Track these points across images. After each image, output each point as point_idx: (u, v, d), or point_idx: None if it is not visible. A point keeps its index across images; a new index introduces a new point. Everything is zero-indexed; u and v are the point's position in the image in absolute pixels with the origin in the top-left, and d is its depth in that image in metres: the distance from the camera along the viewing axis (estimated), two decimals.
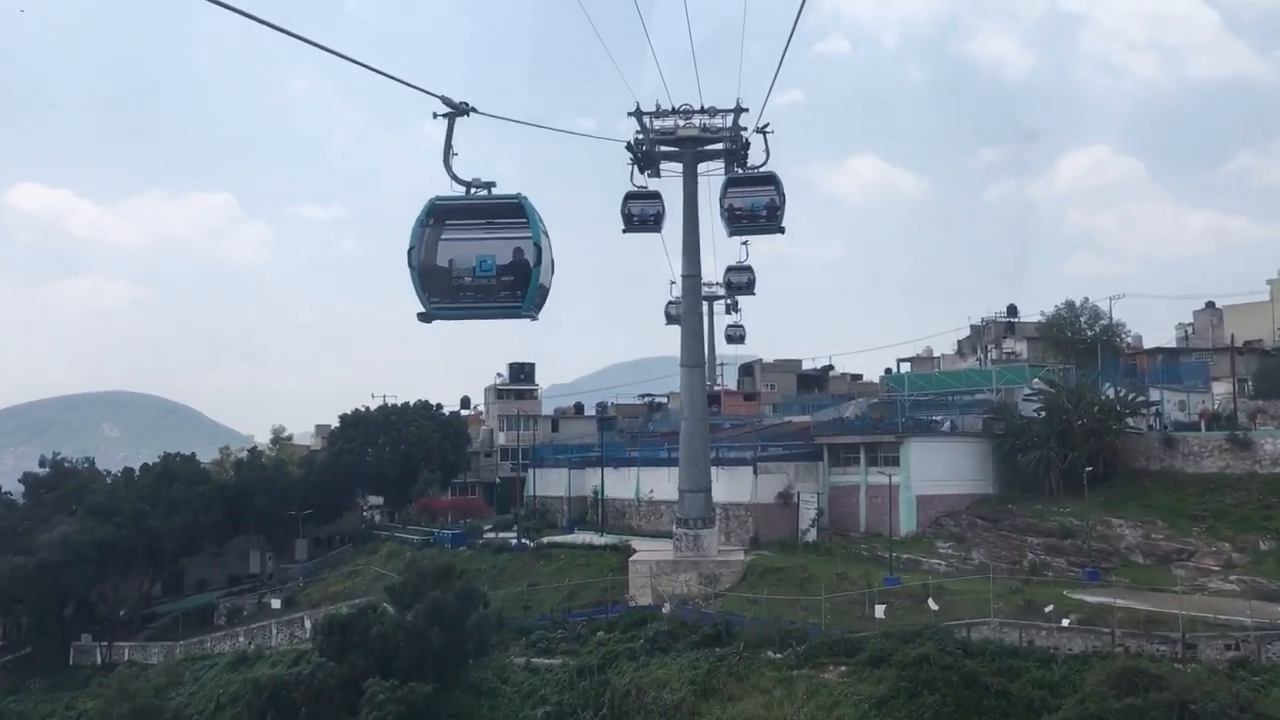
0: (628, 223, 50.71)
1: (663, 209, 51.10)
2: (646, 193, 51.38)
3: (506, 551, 60.09)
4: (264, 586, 72.01)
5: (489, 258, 14.79)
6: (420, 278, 14.81)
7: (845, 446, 58.29)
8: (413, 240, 14.86)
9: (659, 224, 51.21)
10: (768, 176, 43.11)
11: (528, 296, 14.75)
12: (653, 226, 51.15)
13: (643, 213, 50.65)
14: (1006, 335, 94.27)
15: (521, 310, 14.85)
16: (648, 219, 50.77)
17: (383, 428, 71.82)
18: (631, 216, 50.64)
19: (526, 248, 14.66)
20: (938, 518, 55.15)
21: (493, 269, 14.78)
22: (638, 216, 50.64)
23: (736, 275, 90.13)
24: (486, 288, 14.86)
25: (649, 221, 50.81)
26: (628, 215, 50.65)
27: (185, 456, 73.73)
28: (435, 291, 14.85)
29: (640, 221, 50.68)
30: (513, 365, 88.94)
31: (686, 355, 53.32)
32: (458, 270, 14.83)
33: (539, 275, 14.71)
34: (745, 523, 57.09)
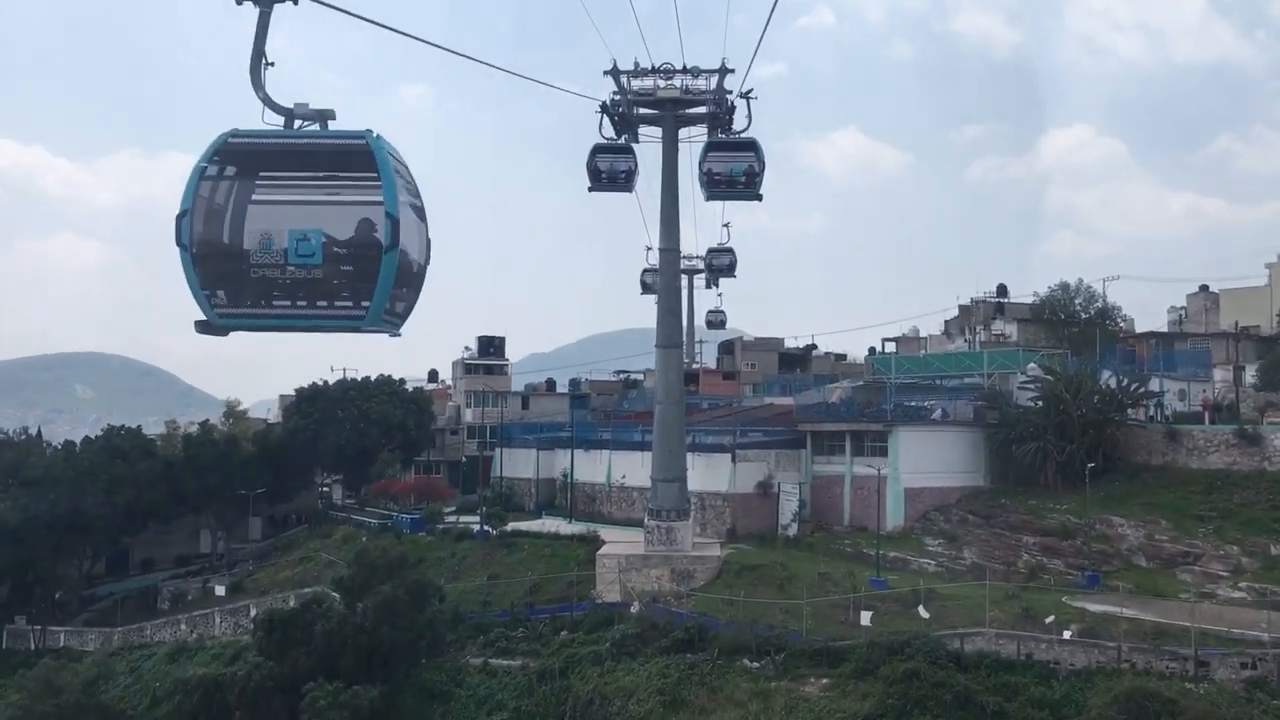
0: (594, 179, 47.03)
1: (635, 165, 47.44)
2: (617, 146, 47.62)
3: (468, 539, 56.46)
4: (213, 569, 68.21)
5: (313, 234, 9.46)
6: (196, 264, 9.62)
7: (830, 434, 54.84)
8: (185, 202, 9.56)
9: (630, 182, 47.48)
10: (748, 142, 41.99)
11: (376, 299, 9.54)
12: (623, 185, 47.42)
13: (612, 169, 46.89)
14: (996, 316, 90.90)
15: (365, 322, 9.64)
16: (617, 176, 47.00)
17: (341, 403, 67.82)
18: (599, 173, 46.94)
19: (377, 219, 9.43)
20: (926, 512, 51.89)
21: (318, 253, 9.46)
22: (606, 173, 46.92)
23: (718, 257, 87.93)
24: (309, 283, 9.49)
25: (619, 179, 47.05)
26: (595, 170, 46.94)
27: (131, 430, 69.65)
28: (224, 286, 9.62)
29: (609, 179, 46.95)
30: (482, 338, 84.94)
31: (662, 335, 49.56)
32: (261, 253, 9.47)
33: (394, 264, 9.48)
34: (722, 514, 53.66)
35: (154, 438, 72.31)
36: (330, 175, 9.59)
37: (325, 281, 9.44)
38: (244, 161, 9.64)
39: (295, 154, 9.71)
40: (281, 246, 9.39)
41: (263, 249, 9.41)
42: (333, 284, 9.49)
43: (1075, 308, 79.40)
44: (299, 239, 9.37)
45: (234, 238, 9.55)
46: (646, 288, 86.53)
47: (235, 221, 9.52)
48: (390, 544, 55.38)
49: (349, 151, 9.58)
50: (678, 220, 50.29)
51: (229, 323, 9.74)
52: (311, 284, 9.44)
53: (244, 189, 9.59)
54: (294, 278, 9.42)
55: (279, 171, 9.63)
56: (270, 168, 9.63)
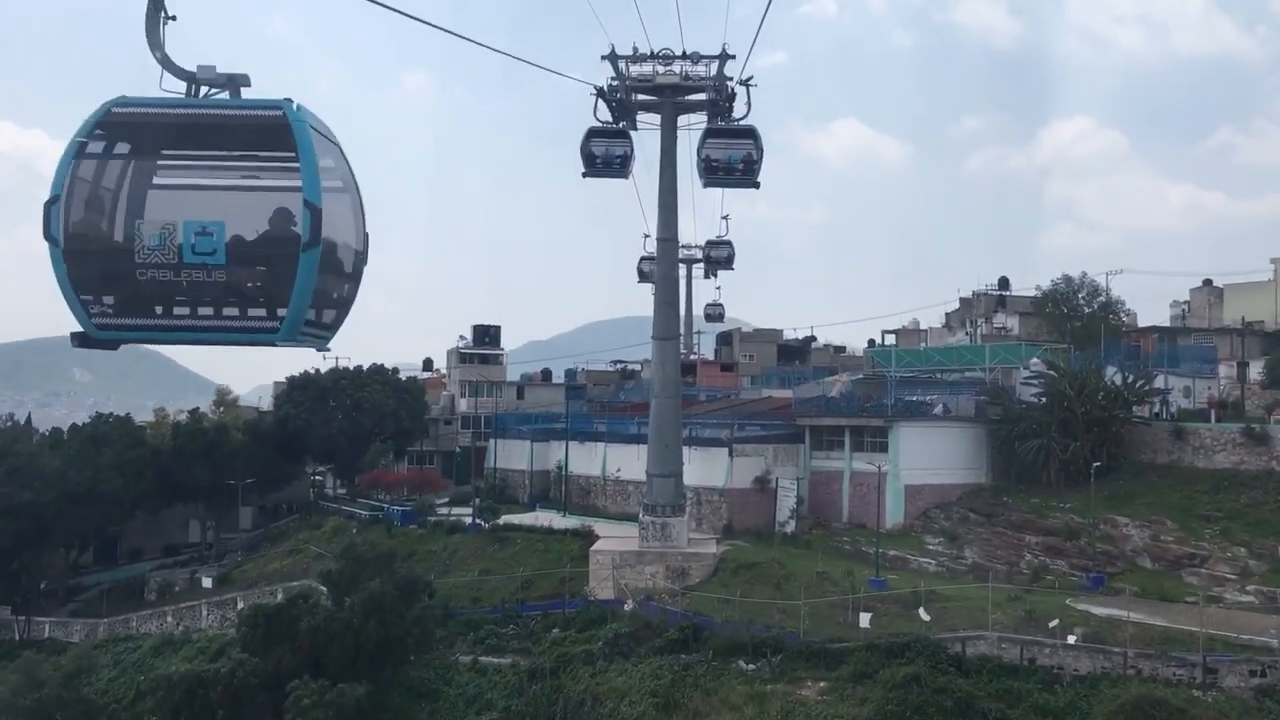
0: (589, 164, 45.97)
1: (630, 150, 46.37)
2: (612, 130, 46.42)
3: (459, 533, 55.43)
4: (201, 559, 67.30)
5: (214, 227, 7.89)
6: (69, 262, 8.12)
7: (829, 429, 53.79)
8: (56, 186, 8.07)
9: (625, 168, 46.38)
10: (747, 130, 41.54)
11: (293, 307, 7.98)
12: (618, 170, 46.34)
13: (607, 153, 45.79)
14: (997, 309, 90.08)
15: (279, 334, 8.10)
16: (612, 161, 45.89)
17: (333, 392, 66.67)
18: (594, 158, 45.85)
19: (295, 209, 7.88)
20: (927, 509, 50.90)
21: (220, 251, 7.88)
22: (601, 158, 45.81)
23: (716, 249, 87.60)
24: (211, 287, 7.98)
25: (614, 164, 45.95)
26: (589, 155, 45.88)
27: (119, 418, 68.57)
28: (108, 291, 8.18)
29: (604, 164, 45.87)
30: (477, 327, 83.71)
31: (659, 326, 48.46)
32: (152, 251, 7.88)
33: (313, 265, 7.87)
34: (718, 509, 52.64)
35: (143, 425, 71.27)
36: (243, 155, 8.12)
37: (231, 285, 7.91)
38: (137, 137, 8.17)
39: (198, 129, 8.18)
40: (176, 242, 7.84)
41: (155, 245, 7.81)
42: (242, 288, 7.98)
43: (1078, 302, 78.36)
44: (196, 232, 7.83)
45: (121, 232, 8.05)
46: (644, 276, 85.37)
47: (128, 211, 8.05)
48: (379, 538, 54.50)
49: (264, 126, 8.05)
50: (676, 209, 49.17)
51: (113, 335, 8.32)
52: (214, 288, 7.90)
53: (141, 172, 8.10)
54: (192, 280, 7.89)
55: (180, 150, 8.17)
56: (171, 145, 8.15)
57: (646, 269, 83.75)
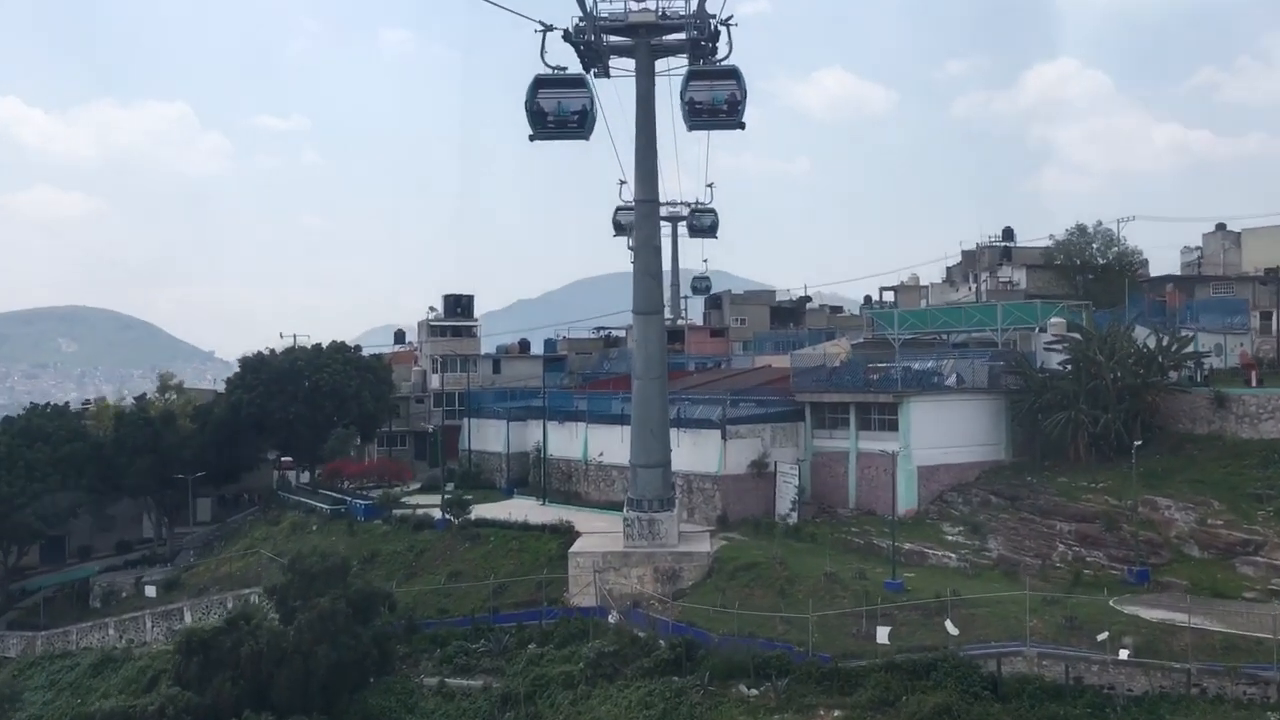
0: (537, 123, 39.87)
1: (591, 104, 40.02)
2: (565, 77, 40.18)
3: (427, 529, 50.26)
4: (153, 558, 62.16)
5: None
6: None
7: (832, 405, 48.60)
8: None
9: (584, 126, 40.16)
10: (730, 70, 39.86)
11: None
12: (575, 129, 40.21)
13: (561, 109, 39.62)
14: (1002, 262, 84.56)
15: None
16: (568, 119, 39.77)
17: (288, 375, 61.12)
18: (543, 115, 39.68)
19: None
20: (942, 492, 45.90)
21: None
22: (553, 115, 39.61)
23: (699, 218, 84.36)
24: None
25: (569, 122, 39.84)
26: (538, 113, 39.64)
27: (56, 408, 63.22)
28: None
29: (557, 123, 39.80)
30: (448, 297, 77.93)
31: (640, 299, 43.01)
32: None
33: None
34: (711, 498, 47.55)
35: (82, 410, 65.93)
36: None
37: None
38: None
39: None
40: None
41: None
42: None
43: (1092, 253, 73.10)
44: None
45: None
46: (620, 229, 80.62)
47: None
48: (337, 538, 49.52)
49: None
50: (656, 166, 43.66)
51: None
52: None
53: None
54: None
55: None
56: None
57: (624, 220, 78.70)
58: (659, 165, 43.68)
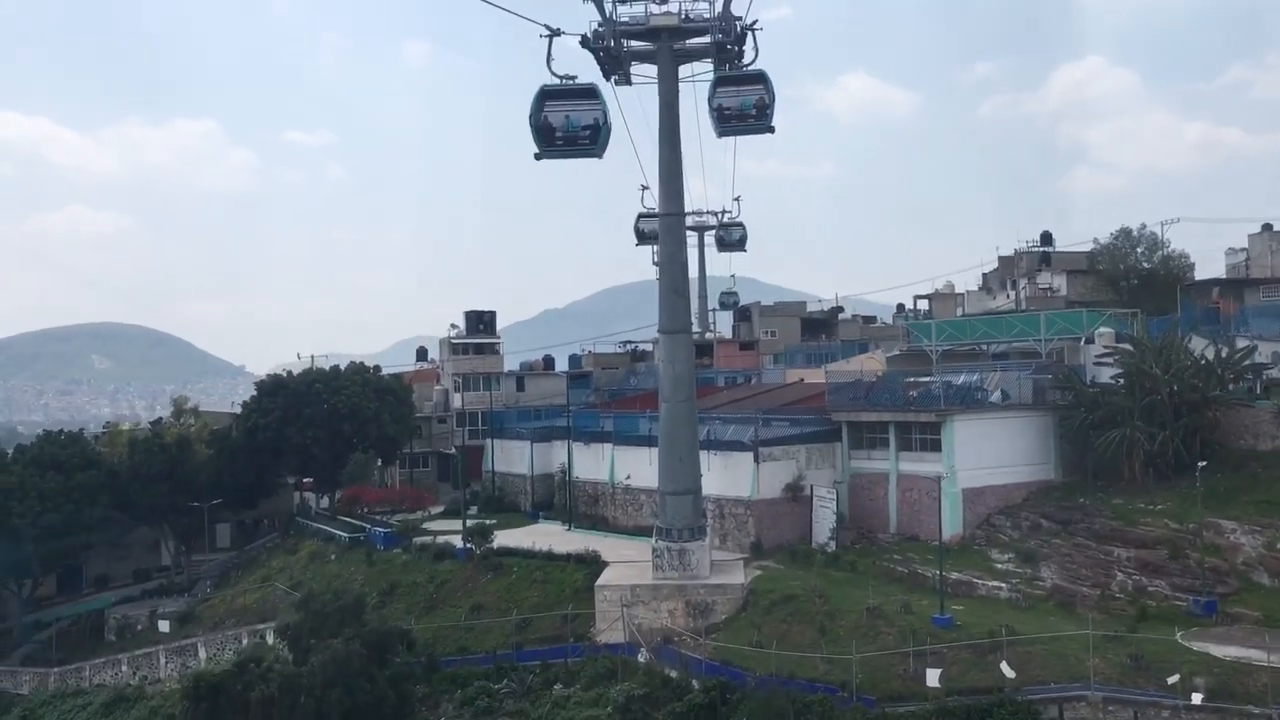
0: (544, 141, 35.84)
1: (603, 116, 35.98)
2: (575, 88, 36.29)
3: (449, 558, 48.23)
4: (169, 588, 60.48)
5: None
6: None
7: (870, 424, 46.20)
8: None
9: (596, 142, 36.06)
10: (757, 75, 38.86)
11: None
12: (586, 147, 36.11)
13: (570, 124, 35.56)
14: (1041, 267, 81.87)
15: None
16: (578, 134, 35.63)
17: (305, 398, 59.38)
18: (550, 131, 35.63)
19: None
20: (989, 515, 43.41)
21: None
22: (561, 131, 35.56)
23: (728, 231, 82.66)
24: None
25: (580, 139, 35.70)
26: (543, 129, 35.68)
27: (71, 435, 61.63)
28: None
29: (565, 139, 35.66)
30: (469, 314, 75.98)
31: (667, 318, 40.82)
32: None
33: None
34: (744, 524, 45.24)
35: (96, 437, 64.45)
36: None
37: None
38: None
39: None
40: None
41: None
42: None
43: (1136, 257, 70.31)
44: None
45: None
46: (642, 237, 77.41)
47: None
48: (347, 578, 47.60)
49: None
50: (681, 176, 41.44)
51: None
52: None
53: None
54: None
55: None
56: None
57: (646, 228, 75.83)
58: (683, 173, 41.47)
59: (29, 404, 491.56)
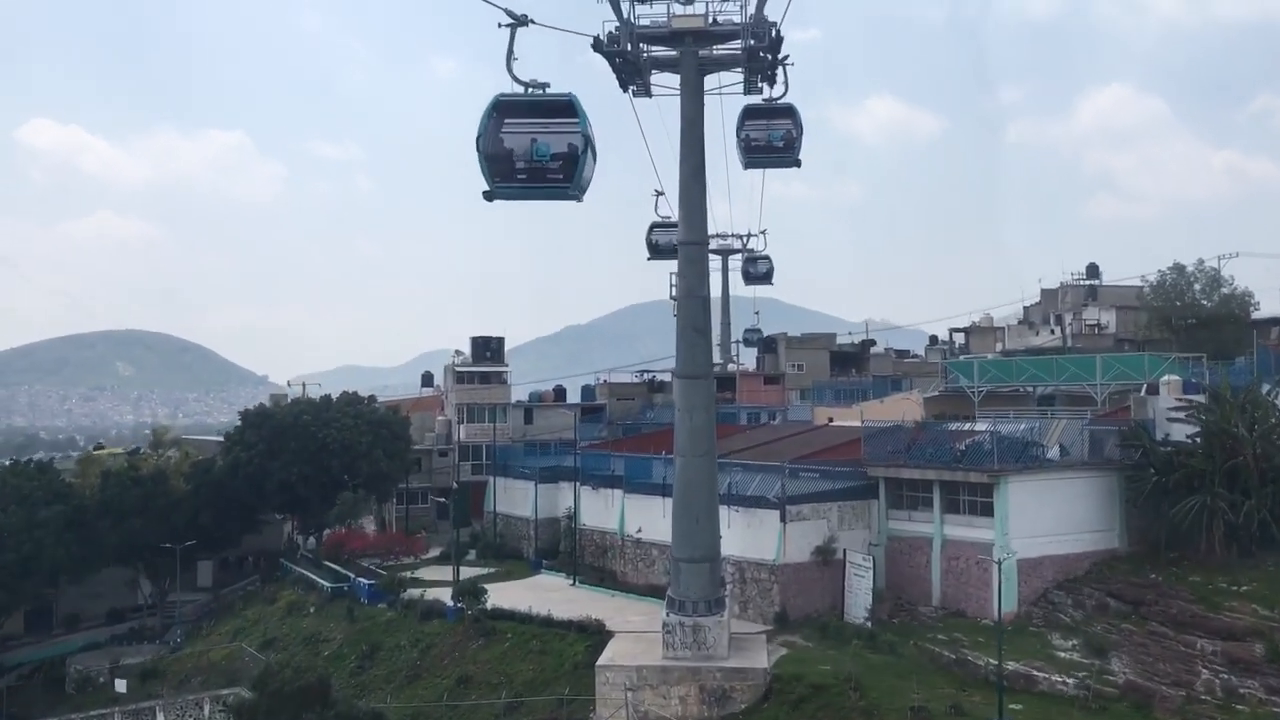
0: (499, 173, 25.42)
1: (584, 143, 25.44)
2: (544, 100, 25.90)
3: (437, 618, 43.39)
4: (142, 632, 55.93)
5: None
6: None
7: (911, 481, 41.15)
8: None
9: (572, 178, 25.50)
10: (786, 108, 38.09)
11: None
12: (556, 185, 25.70)
13: (536, 151, 25.31)
14: (1088, 302, 76.84)
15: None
16: (545, 165, 25.43)
17: (293, 430, 54.79)
18: (508, 160, 25.41)
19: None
20: (1047, 589, 38.25)
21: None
22: (523, 161, 25.31)
23: (754, 265, 79.22)
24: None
25: (548, 172, 25.46)
26: (497, 156, 25.41)
27: (40, 465, 57.16)
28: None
29: (528, 171, 25.36)
30: (476, 340, 71.26)
31: (684, 360, 35.88)
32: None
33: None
34: (768, 590, 40.19)
35: (67, 469, 60.00)
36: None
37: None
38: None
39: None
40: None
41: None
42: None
43: (1194, 295, 65.13)
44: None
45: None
46: (656, 251, 69.35)
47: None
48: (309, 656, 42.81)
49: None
50: (704, 200, 36.62)
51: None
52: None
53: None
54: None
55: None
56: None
57: (660, 240, 68.02)
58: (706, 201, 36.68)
59: (53, 409, 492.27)
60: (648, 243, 69.71)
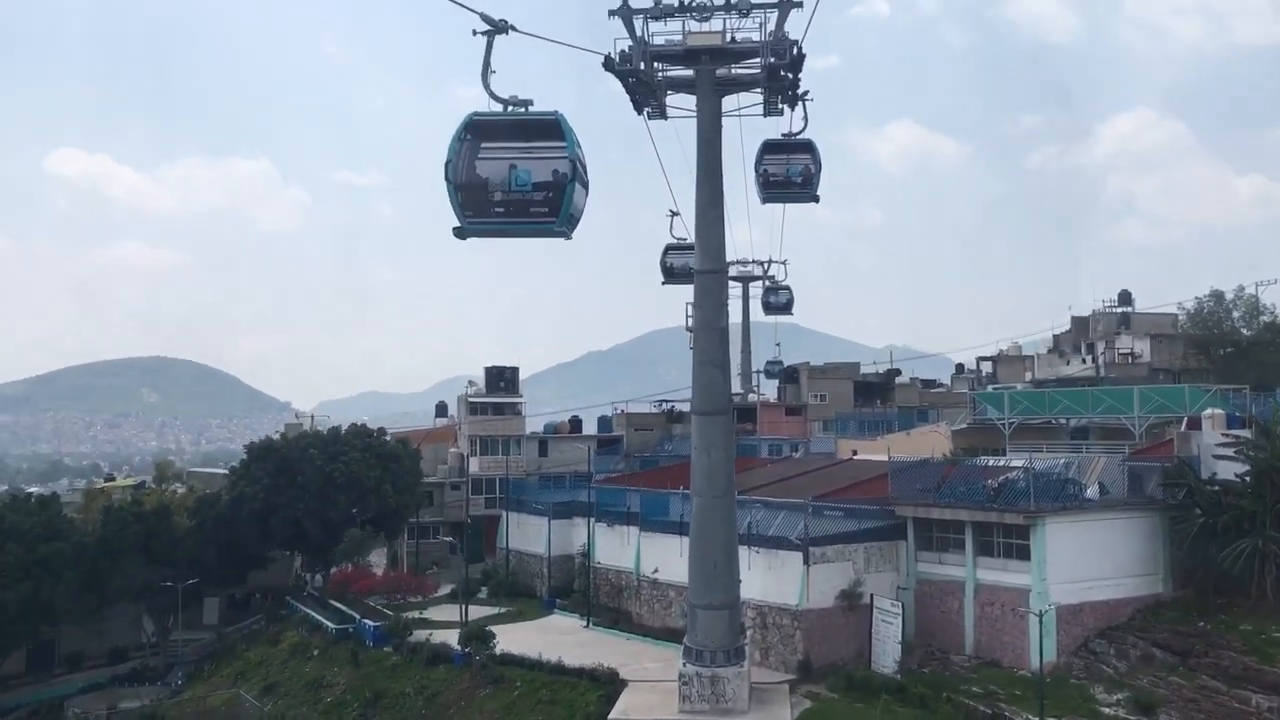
0: (473, 206, 21.63)
1: (571, 168, 21.42)
2: (525, 121, 22.04)
3: (444, 663, 41.47)
4: (144, 673, 54.21)
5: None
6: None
7: (941, 522, 39.02)
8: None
9: (558, 210, 21.40)
10: (805, 144, 37.79)
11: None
12: (540, 220, 21.65)
13: (515, 180, 21.45)
14: (1120, 330, 74.52)
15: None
16: (528, 197, 21.47)
17: (298, 464, 53.19)
18: (483, 190, 21.51)
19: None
20: (1087, 639, 36.02)
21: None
22: (501, 191, 21.42)
23: (775, 295, 78.63)
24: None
25: (532, 203, 21.50)
26: (471, 185, 21.58)
27: (40, 499, 55.62)
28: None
29: (506, 204, 21.53)
30: (490, 370, 69.65)
31: (701, 396, 33.97)
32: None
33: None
34: (790, 637, 38.07)
35: (73, 502, 58.54)
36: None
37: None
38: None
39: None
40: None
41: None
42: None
43: (1233, 323, 62.86)
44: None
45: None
46: (670, 274, 62.22)
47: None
48: (307, 708, 41.07)
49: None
50: (722, 226, 34.81)
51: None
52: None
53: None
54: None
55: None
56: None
57: (675, 264, 61.21)
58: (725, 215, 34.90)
59: (78, 435, 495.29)
60: (662, 266, 66.00)
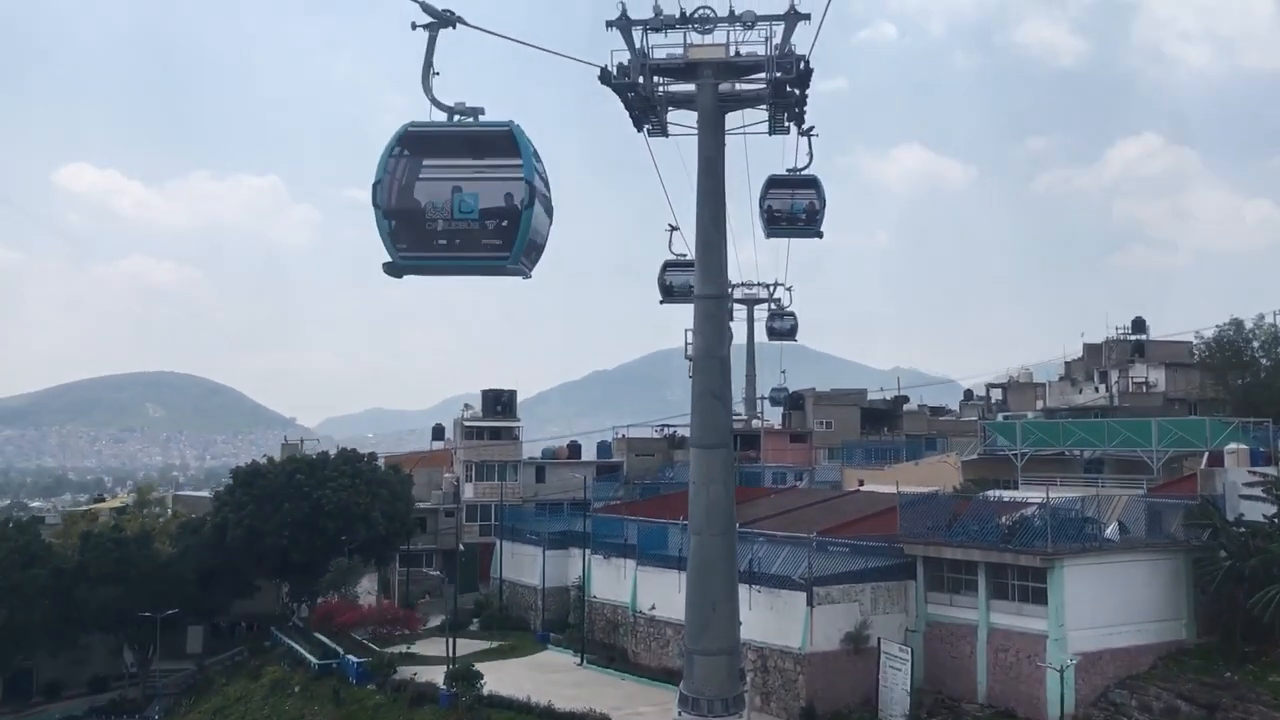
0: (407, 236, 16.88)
1: (528, 194, 16.53)
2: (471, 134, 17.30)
3: (428, 703, 39.55)
4: (122, 705, 52.38)
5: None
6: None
7: (953, 562, 37.11)
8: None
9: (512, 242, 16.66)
10: (810, 180, 36.46)
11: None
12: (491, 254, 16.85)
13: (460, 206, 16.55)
14: (1134, 358, 72.70)
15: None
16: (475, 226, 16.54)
17: (286, 490, 51.43)
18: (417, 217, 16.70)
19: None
20: (1107, 688, 33.98)
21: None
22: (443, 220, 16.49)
23: (779, 321, 78.22)
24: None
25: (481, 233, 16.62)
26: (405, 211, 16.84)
27: (18, 524, 54.01)
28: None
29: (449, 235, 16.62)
30: (487, 393, 67.95)
31: (700, 428, 32.00)
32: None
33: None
34: (793, 682, 36.16)
35: (49, 526, 56.83)
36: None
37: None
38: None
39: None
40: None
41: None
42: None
43: (1254, 352, 61.02)
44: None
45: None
46: (668, 294, 57.23)
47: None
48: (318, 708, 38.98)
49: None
50: (724, 250, 32.92)
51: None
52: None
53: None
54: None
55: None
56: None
57: (674, 282, 56.37)
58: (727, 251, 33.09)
59: (83, 450, 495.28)
60: (660, 284, 62.67)
